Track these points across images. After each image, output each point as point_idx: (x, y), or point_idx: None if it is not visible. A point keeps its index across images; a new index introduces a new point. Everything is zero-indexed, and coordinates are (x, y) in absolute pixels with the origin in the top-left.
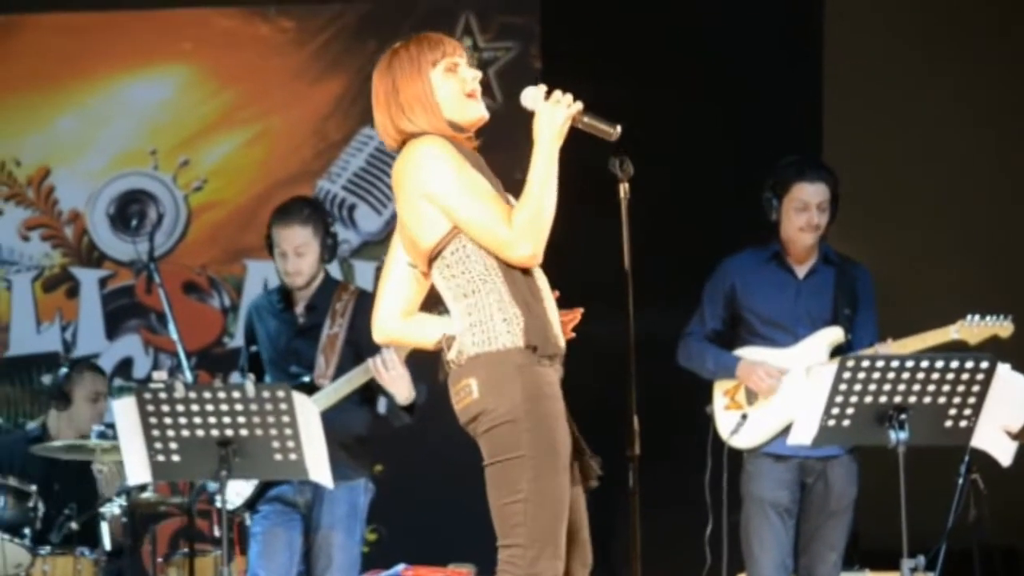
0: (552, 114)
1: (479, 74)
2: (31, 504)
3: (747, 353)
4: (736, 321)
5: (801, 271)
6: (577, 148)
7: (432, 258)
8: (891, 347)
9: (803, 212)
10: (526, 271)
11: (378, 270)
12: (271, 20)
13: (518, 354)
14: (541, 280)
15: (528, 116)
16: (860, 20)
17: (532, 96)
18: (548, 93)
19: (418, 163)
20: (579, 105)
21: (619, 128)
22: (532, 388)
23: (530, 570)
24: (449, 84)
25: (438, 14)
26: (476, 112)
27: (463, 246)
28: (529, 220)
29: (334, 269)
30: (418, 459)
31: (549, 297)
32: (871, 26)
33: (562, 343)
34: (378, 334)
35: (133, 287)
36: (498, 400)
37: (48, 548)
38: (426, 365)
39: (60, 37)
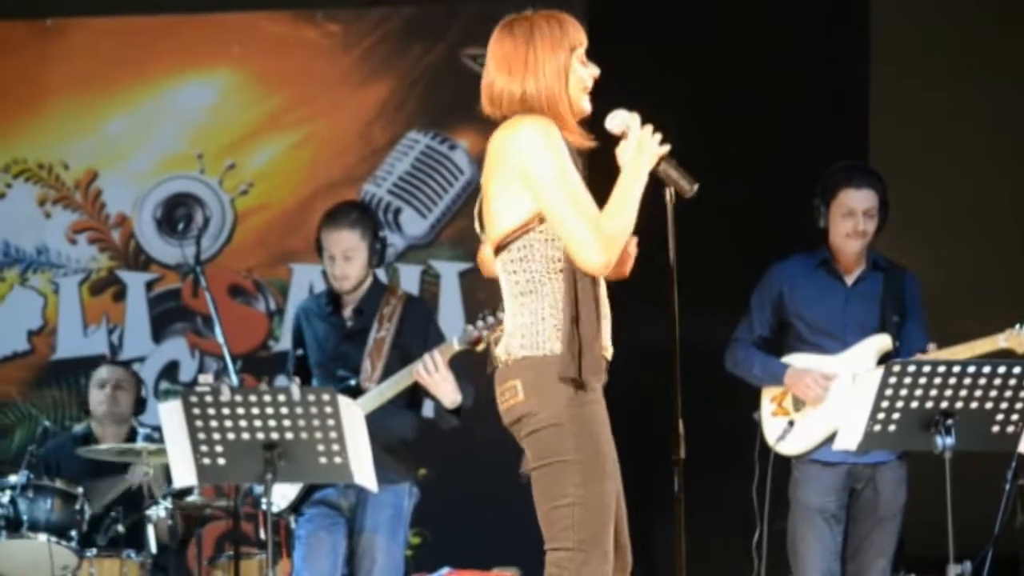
0: (649, 144)
1: (597, 72)
2: (78, 506)
3: (795, 360)
4: (784, 327)
5: (850, 278)
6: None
7: (499, 247)
8: (939, 354)
9: (850, 218)
10: (587, 287)
11: (423, 274)
12: (318, 24)
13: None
14: (603, 293)
15: None
16: (908, 22)
17: (623, 120)
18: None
19: (529, 142)
20: (667, 148)
21: (696, 186)
22: (576, 392)
23: (579, 574)
24: (578, 72)
25: (483, 19)
26: (587, 107)
27: (530, 244)
28: (618, 231)
29: (379, 273)
30: (463, 462)
31: (606, 313)
32: (919, 29)
33: (608, 354)
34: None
35: (179, 290)
36: (542, 404)
37: (94, 550)
38: (472, 367)
39: (110, 40)
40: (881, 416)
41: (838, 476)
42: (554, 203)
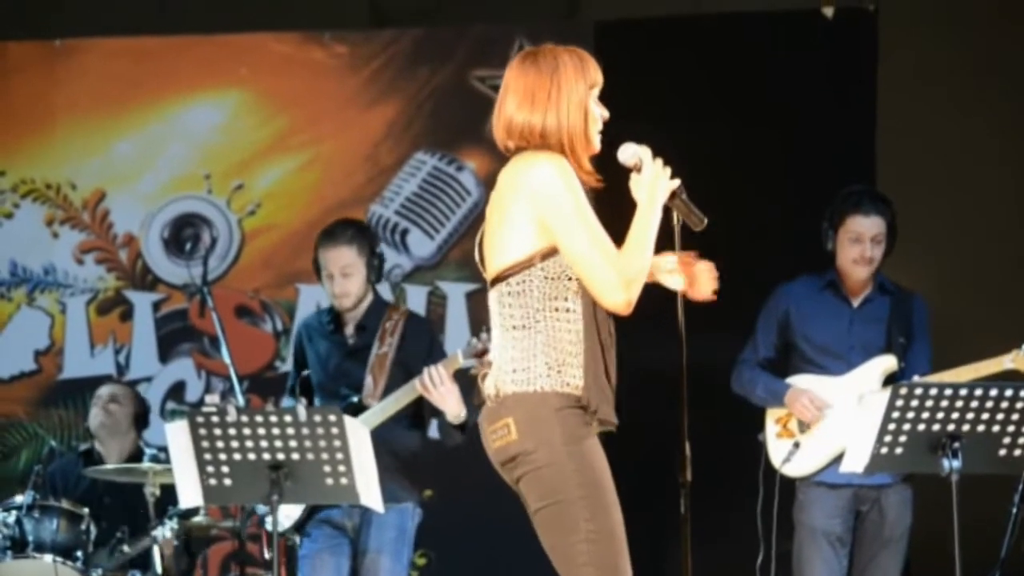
0: (662, 178)
1: (607, 115)
2: (83, 527)
3: (799, 381)
4: (789, 349)
5: (856, 300)
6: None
7: (497, 279)
8: (945, 376)
9: (857, 244)
10: (602, 325)
11: (430, 294)
12: (326, 46)
13: (556, 397)
14: (612, 332)
15: None
16: (915, 46)
17: (634, 153)
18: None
19: (547, 179)
20: (678, 182)
21: (706, 221)
22: (570, 429)
23: None
24: (595, 112)
25: (491, 41)
26: (595, 147)
27: (529, 279)
28: (637, 271)
29: (386, 293)
30: (467, 483)
31: (612, 358)
32: (926, 52)
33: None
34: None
35: (186, 311)
36: (537, 443)
37: (100, 571)
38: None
39: (118, 61)
40: (888, 438)
41: (843, 498)
42: (574, 242)
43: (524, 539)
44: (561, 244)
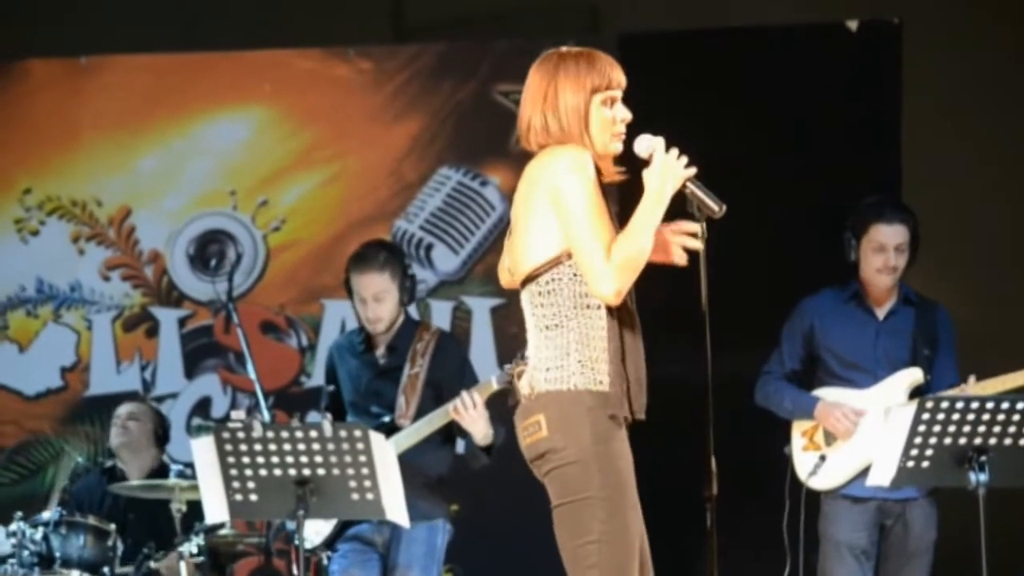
0: (672, 167)
1: (629, 117)
2: (110, 543)
3: (825, 394)
4: (814, 361)
5: (881, 312)
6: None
7: (527, 280)
8: (971, 389)
9: (880, 254)
10: (624, 320)
11: (455, 309)
12: (350, 61)
13: (589, 396)
14: (637, 328)
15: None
16: (940, 57)
17: (649, 144)
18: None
19: (565, 168)
20: (693, 170)
21: (724, 207)
22: (600, 429)
23: None
24: (604, 115)
25: (515, 55)
26: (615, 149)
27: (559, 278)
28: (625, 259)
29: (411, 308)
30: (494, 498)
31: (638, 350)
32: (951, 64)
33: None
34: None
35: (212, 327)
36: (566, 440)
37: None
38: (506, 407)
39: (143, 78)
40: (914, 452)
41: (868, 512)
42: (576, 228)
43: (551, 554)
44: (567, 230)
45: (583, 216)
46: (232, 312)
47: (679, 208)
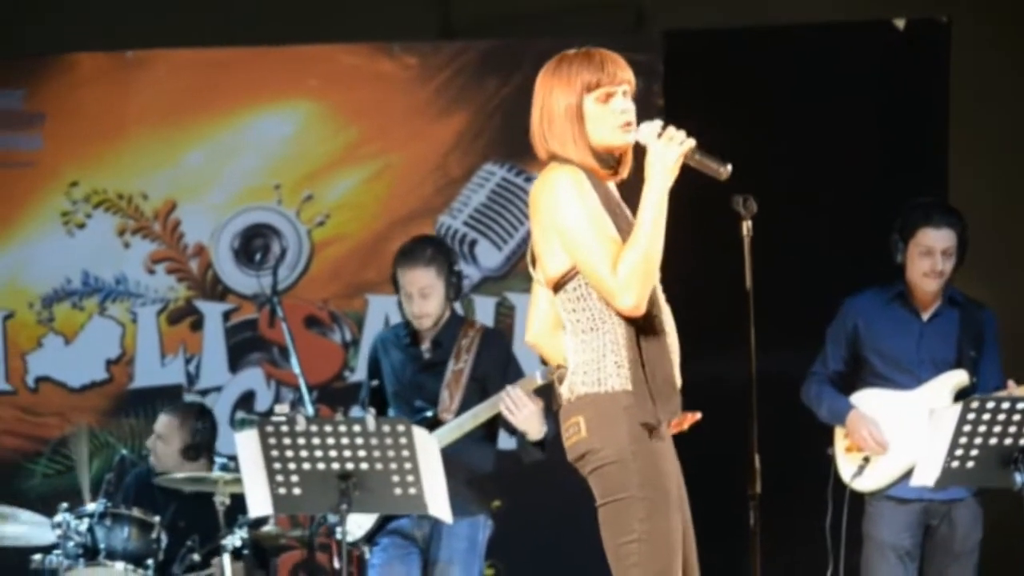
0: (664, 152)
1: (632, 108)
2: (154, 535)
3: (869, 397)
4: (859, 362)
5: (926, 313)
6: (700, 182)
7: (556, 287)
8: (1016, 390)
9: (927, 257)
10: (645, 325)
11: (498, 305)
12: (395, 57)
13: (625, 396)
14: (668, 325)
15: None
16: (987, 61)
17: (646, 132)
18: (663, 128)
19: (553, 193)
20: (692, 142)
21: (729, 167)
22: (638, 429)
23: None
24: (600, 111)
25: (558, 51)
26: (622, 140)
27: (584, 283)
28: (632, 270)
29: (456, 305)
30: (536, 494)
31: (672, 347)
32: (999, 67)
33: (677, 382)
34: (527, 336)
35: (256, 321)
36: (605, 440)
37: None
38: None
39: (189, 72)
40: (959, 452)
41: (913, 513)
42: (578, 254)
43: (592, 551)
44: (571, 255)
45: (582, 242)
46: (276, 306)
47: (722, 208)
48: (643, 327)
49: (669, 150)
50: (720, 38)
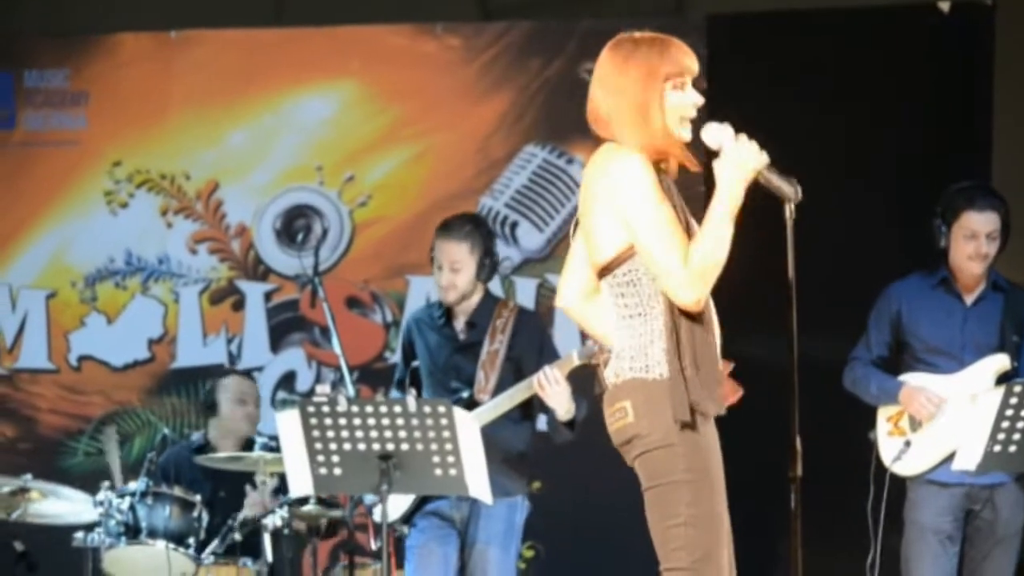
0: (744, 156)
1: (701, 101)
2: (195, 514)
3: (912, 379)
4: (902, 347)
5: (969, 297)
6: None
7: (604, 269)
8: None
9: (972, 241)
10: (686, 315)
11: (539, 287)
12: (438, 38)
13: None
14: (711, 312)
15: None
16: None
17: (717, 133)
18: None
19: (620, 176)
20: (766, 157)
21: (800, 191)
22: (685, 413)
23: None
24: (671, 100)
25: (601, 34)
26: (685, 135)
27: (636, 268)
28: (704, 264)
29: (495, 286)
30: (575, 475)
31: (707, 343)
32: None
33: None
34: (559, 300)
35: (297, 301)
36: (652, 425)
37: (211, 557)
38: (587, 381)
39: (232, 53)
40: (1001, 436)
41: (954, 497)
42: (642, 239)
43: (632, 531)
44: (635, 241)
45: (651, 229)
46: (318, 287)
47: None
48: (691, 314)
49: (749, 155)
50: (762, 21)
